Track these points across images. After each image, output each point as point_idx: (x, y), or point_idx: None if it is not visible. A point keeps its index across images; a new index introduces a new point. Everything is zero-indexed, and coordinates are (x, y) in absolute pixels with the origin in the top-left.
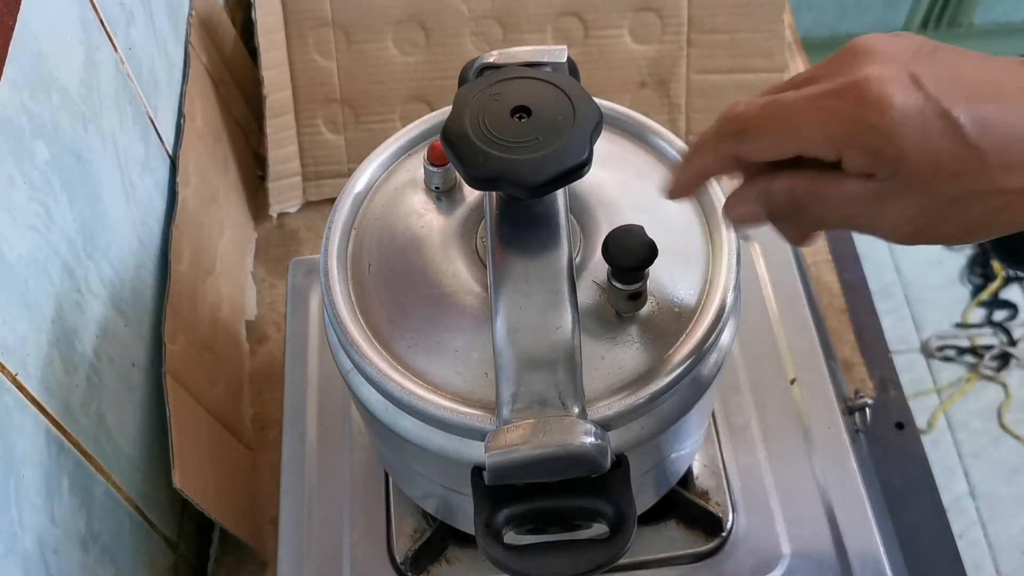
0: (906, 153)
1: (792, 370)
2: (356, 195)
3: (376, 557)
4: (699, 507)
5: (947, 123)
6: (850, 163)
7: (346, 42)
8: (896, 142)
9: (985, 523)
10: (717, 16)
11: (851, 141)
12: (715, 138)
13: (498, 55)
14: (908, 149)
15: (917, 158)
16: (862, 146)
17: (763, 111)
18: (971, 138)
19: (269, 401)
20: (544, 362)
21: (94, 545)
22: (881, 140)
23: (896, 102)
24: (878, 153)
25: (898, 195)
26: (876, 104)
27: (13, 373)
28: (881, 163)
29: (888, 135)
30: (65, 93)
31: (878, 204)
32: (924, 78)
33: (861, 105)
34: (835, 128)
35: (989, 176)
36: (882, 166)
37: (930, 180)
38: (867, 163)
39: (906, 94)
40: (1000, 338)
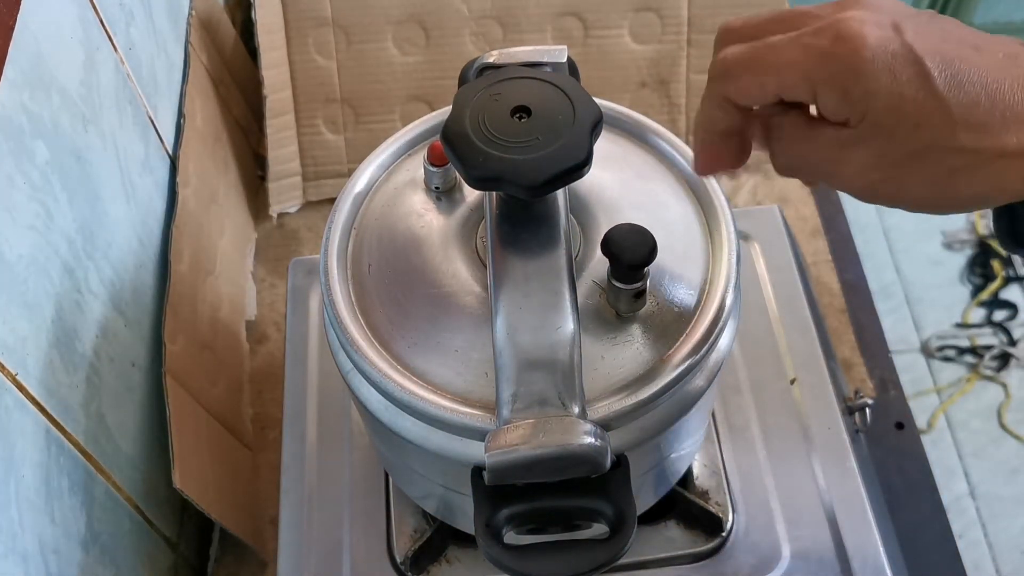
0: (872, 94)
1: (792, 370)
2: (356, 195)
3: (376, 557)
4: (699, 507)
5: (918, 70)
6: (823, 103)
7: (346, 42)
8: (864, 81)
9: (985, 523)
10: (717, 16)
11: (823, 77)
12: (708, 83)
13: (498, 55)
14: (875, 90)
15: (883, 101)
16: (833, 83)
17: (748, 51)
18: (939, 89)
19: (269, 401)
20: (544, 362)
21: (94, 545)
22: (850, 78)
23: (870, 41)
24: (846, 91)
25: (863, 141)
26: (850, 40)
27: (13, 373)
28: (849, 103)
29: (857, 73)
30: (65, 93)
31: (842, 151)
32: (906, 26)
33: (837, 41)
34: (811, 63)
35: (951, 132)
36: (850, 107)
37: (893, 127)
38: (837, 102)
39: (883, 36)
40: (1000, 338)
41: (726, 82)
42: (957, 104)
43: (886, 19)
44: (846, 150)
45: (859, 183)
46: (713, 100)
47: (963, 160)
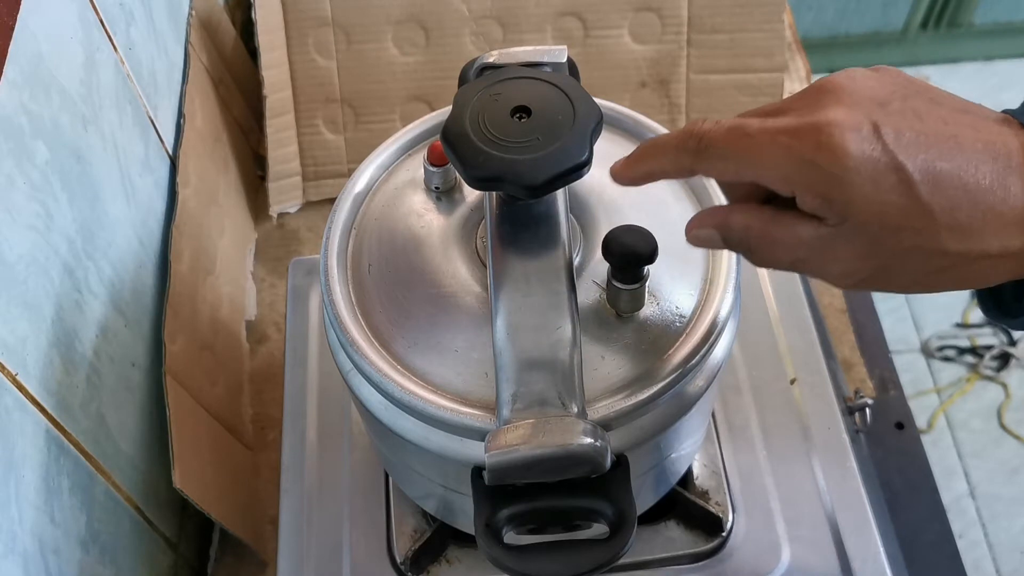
0: (855, 202)
1: (792, 370)
2: (356, 195)
3: (376, 557)
4: (699, 507)
5: (900, 177)
6: (802, 203)
7: (346, 42)
8: (847, 191)
9: (985, 523)
10: (717, 16)
11: (804, 183)
12: (675, 148)
13: (498, 55)
14: (858, 199)
15: (866, 208)
16: (814, 189)
17: (727, 135)
18: (921, 195)
19: (269, 401)
20: (544, 362)
21: (94, 545)
22: (832, 187)
23: (852, 150)
24: (828, 199)
25: (845, 243)
26: (832, 150)
27: (13, 373)
28: (831, 209)
29: (840, 183)
30: (65, 93)
31: (826, 250)
32: (885, 129)
33: (817, 149)
34: (790, 167)
35: (935, 235)
36: (832, 212)
37: (877, 232)
38: (818, 206)
39: (863, 144)
40: (1000, 338)
41: (700, 159)
42: (940, 209)
43: (865, 120)
44: (830, 250)
45: (845, 280)
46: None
47: (948, 261)
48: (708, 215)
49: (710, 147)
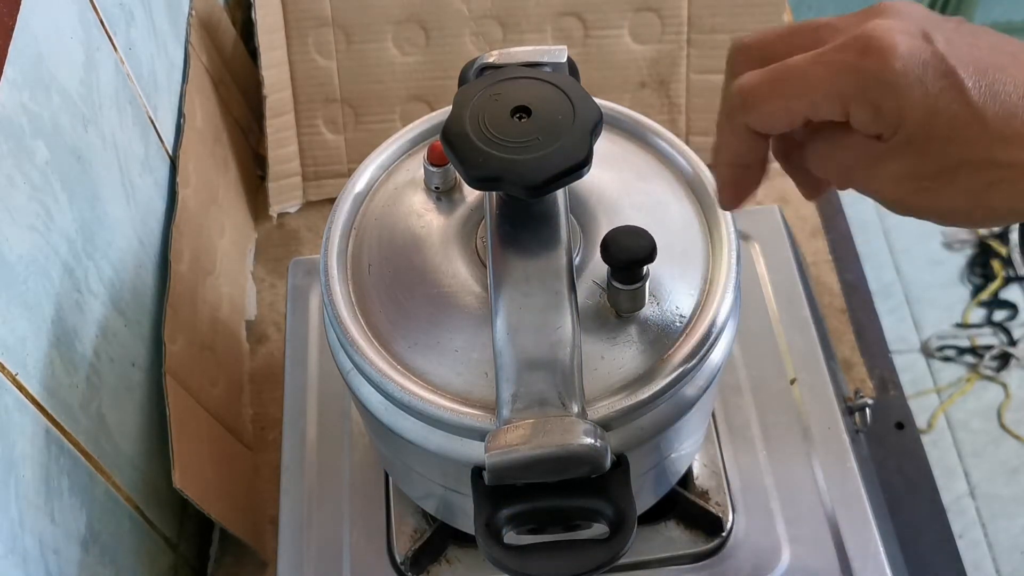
0: (906, 107)
1: (792, 370)
2: (356, 195)
3: (376, 557)
4: (699, 507)
5: (951, 82)
6: (856, 119)
7: (346, 42)
8: (896, 94)
9: (985, 523)
10: (717, 16)
11: (855, 93)
12: (726, 117)
13: (498, 55)
14: (908, 103)
15: (916, 114)
16: (864, 98)
17: (769, 77)
18: (974, 102)
19: (269, 401)
20: (544, 362)
21: (94, 545)
22: (883, 91)
23: (901, 51)
24: (879, 106)
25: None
26: (881, 52)
27: (13, 373)
28: (882, 119)
29: (890, 85)
30: (65, 93)
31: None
32: (937, 36)
33: (866, 53)
34: (840, 80)
35: (987, 145)
36: (883, 122)
37: (926, 140)
38: (870, 117)
39: (913, 45)
40: (1000, 338)
41: (748, 112)
42: (993, 116)
43: (915, 27)
44: (879, 163)
45: (891, 195)
46: (734, 132)
47: (999, 174)
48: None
49: (753, 92)
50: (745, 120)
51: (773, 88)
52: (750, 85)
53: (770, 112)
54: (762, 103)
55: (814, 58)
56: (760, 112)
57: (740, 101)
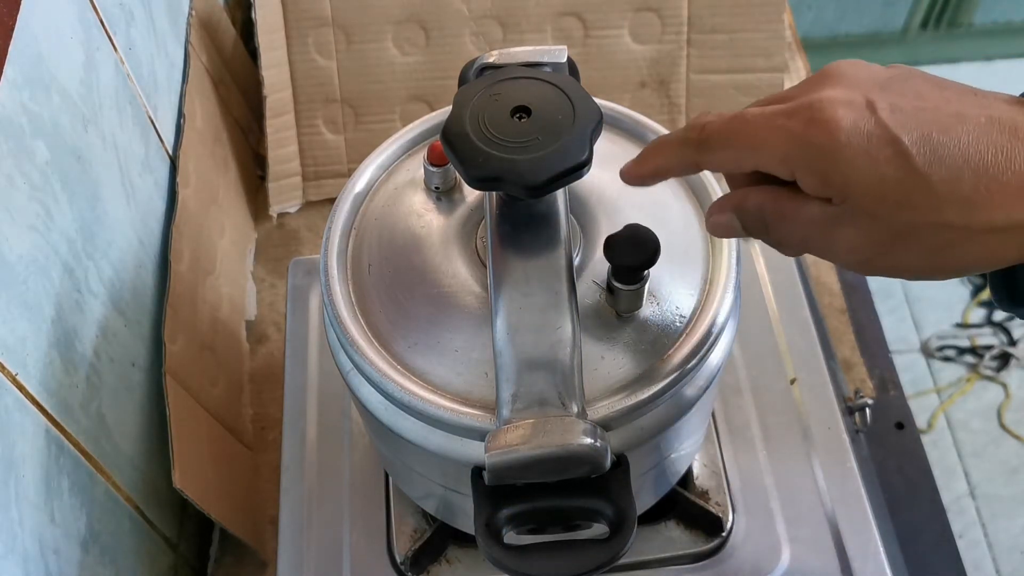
0: (852, 178)
1: (792, 370)
2: (356, 195)
3: (376, 557)
4: (699, 507)
5: (896, 150)
6: (803, 184)
7: (346, 42)
8: (842, 167)
9: (985, 523)
10: (717, 16)
11: (800, 162)
12: (678, 143)
13: (498, 55)
14: (854, 174)
15: (863, 183)
16: (811, 167)
17: (726, 125)
18: (919, 168)
19: (269, 401)
20: (544, 362)
21: (94, 545)
22: (827, 163)
23: (844, 124)
24: (825, 176)
25: (849, 221)
26: (824, 125)
27: (13, 373)
28: (830, 187)
29: (834, 158)
30: (65, 93)
31: (832, 229)
32: (880, 104)
33: (811, 125)
34: (786, 148)
35: (937, 209)
36: (831, 190)
37: (876, 208)
38: (817, 185)
39: (856, 117)
40: (1000, 338)
41: (701, 151)
42: (939, 180)
43: (859, 97)
44: (836, 229)
45: (852, 259)
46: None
47: (952, 235)
48: (724, 200)
49: (711, 137)
50: (697, 158)
51: (728, 137)
52: (710, 127)
53: (721, 158)
54: (716, 147)
55: (767, 118)
56: (712, 155)
57: (696, 137)
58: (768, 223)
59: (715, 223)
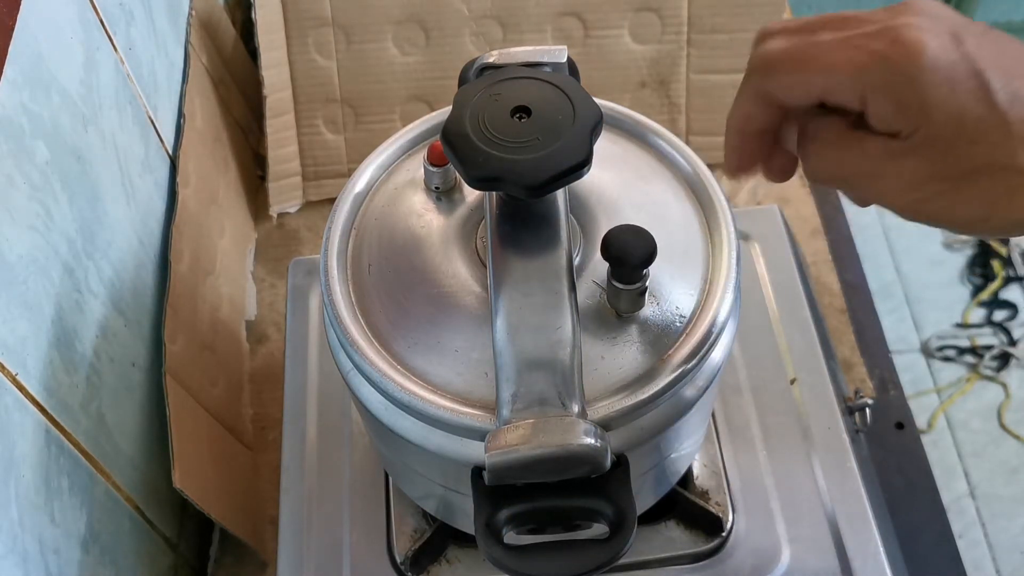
0: (930, 105)
1: (792, 370)
2: (356, 195)
3: (376, 557)
4: (699, 507)
5: (978, 83)
6: (873, 109)
7: (346, 42)
8: (921, 91)
9: (985, 523)
10: (717, 16)
11: (876, 83)
12: (745, 78)
13: (498, 55)
14: (933, 101)
15: (941, 113)
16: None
17: (794, 47)
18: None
19: (269, 401)
20: (544, 362)
21: (94, 545)
22: (907, 86)
23: (929, 49)
24: (901, 101)
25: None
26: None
27: (13, 373)
28: (903, 113)
29: (915, 81)
30: (65, 93)
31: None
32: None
33: (894, 45)
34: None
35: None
36: (904, 117)
37: (950, 141)
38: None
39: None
40: (1000, 338)
41: (767, 77)
42: (1018, 121)
43: (944, 28)
44: (893, 162)
45: (904, 199)
46: (750, 96)
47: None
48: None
49: (777, 61)
50: (764, 85)
51: (796, 59)
52: (774, 51)
53: (788, 81)
54: (783, 71)
55: (842, 40)
56: (779, 79)
57: (760, 64)
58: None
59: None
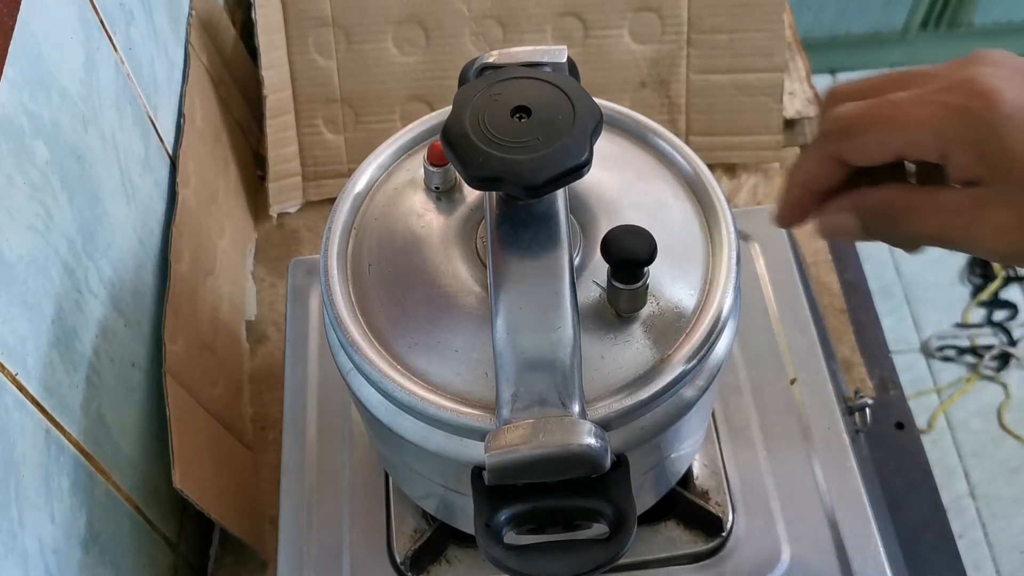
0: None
1: (792, 370)
2: (356, 195)
3: (376, 557)
4: (699, 507)
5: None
6: (955, 162)
7: (346, 42)
8: (1004, 138)
9: (985, 523)
10: (717, 16)
11: (957, 136)
12: (819, 139)
13: (498, 55)
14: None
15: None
16: (968, 141)
17: (870, 108)
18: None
19: (269, 401)
20: (544, 362)
21: (94, 545)
22: (988, 134)
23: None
24: (983, 150)
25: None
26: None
27: (13, 373)
28: (986, 162)
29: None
30: (65, 93)
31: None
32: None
33: (971, 96)
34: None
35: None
36: (987, 166)
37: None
38: (971, 162)
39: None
40: (1000, 338)
41: (843, 139)
42: None
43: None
44: (984, 210)
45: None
46: (822, 157)
47: None
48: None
49: (854, 124)
50: (839, 147)
51: (873, 119)
52: (851, 114)
53: (865, 143)
54: (860, 132)
55: (917, 97)
56: (856, 141)
57: (836, 127)
58: (897, 217)
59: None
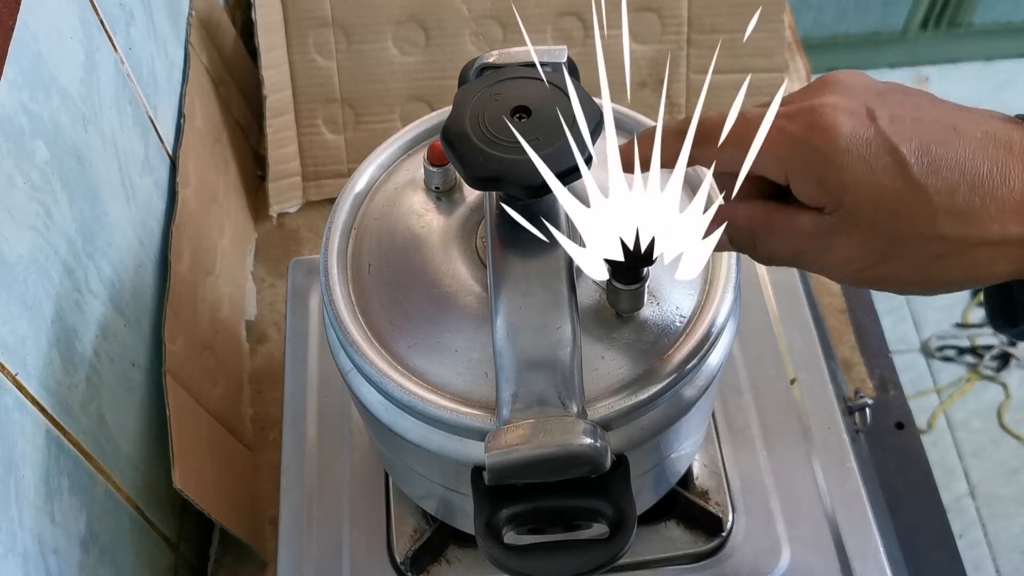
0: (849, 184)
1: (792, 370)
2: (356, 195)
3: (376, 557)
4: (699, 507)
5: (894, 158)
6: (797, 189)
7: (346, 42)
8: (839, 172)
9: (985, 523)
10: (717, 16)
11: (798, 165)
12: (674, 134)
13: (498, 55)
14: (851, 180)
15: (860, 191)
16: (807, 172)
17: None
18: (916, 177)
19: (269, 401)
20: (544, 362)
21: (94, 545)
22: (825, 167)
23: (844, 130)
24: (822, 181)
25: (843, 231)
26: (824, 130)
27: (13, 373)
28: (825, 193)
29: (832, 163)
30: (65, 93)
31: (825, 240)
32: (880, 113)
33: (810, 129)
34: (785, 150)
35: (932, 219)
36: (826, 196)
37: (872, 216)
38: (812, 190)
39: (856, 124)
40: (1000, 338)
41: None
42: (936, 191)
43: (859, 105)
44: (830, 239)
45: (844, 271)
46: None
47: (946, 247)
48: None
49: (709, 132)
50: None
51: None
52: (711, 123)
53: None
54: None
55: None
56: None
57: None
58: (757, 237)
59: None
